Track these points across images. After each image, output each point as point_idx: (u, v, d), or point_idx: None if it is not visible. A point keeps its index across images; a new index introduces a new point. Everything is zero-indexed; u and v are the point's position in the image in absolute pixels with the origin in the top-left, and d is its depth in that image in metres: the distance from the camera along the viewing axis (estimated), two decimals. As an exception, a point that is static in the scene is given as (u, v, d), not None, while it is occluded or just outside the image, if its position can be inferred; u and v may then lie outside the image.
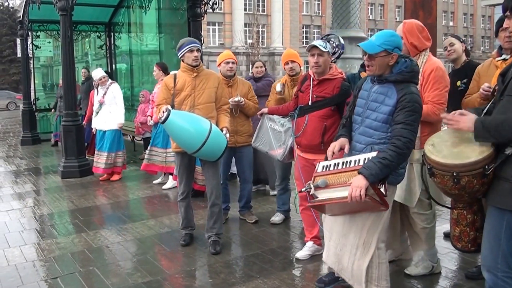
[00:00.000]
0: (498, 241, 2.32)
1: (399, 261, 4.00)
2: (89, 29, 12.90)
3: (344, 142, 3.08)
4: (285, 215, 5.28)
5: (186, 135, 4.03)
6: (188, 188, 4.59)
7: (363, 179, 2.68)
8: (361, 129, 3.03)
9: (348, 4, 7.27)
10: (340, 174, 2.88)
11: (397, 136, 2.79)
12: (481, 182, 2.37)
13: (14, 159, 10.01)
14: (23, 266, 4.18)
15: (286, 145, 4.39)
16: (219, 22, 44.81)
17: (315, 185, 2.89)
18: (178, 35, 9.54)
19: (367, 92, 3.04)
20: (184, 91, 4.33)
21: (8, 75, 43.40)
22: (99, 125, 7.52)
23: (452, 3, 62.15)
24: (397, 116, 2.83)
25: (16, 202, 6.43)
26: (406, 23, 3.57)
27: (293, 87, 4.75)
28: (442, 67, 3.49)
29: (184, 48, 4.32)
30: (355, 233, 3.03)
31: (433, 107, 3.39)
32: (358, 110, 3.09)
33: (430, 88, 3.42)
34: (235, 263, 4.19)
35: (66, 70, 7.99)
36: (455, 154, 2.46)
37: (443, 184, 2.51)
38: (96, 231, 5.10)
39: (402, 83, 2.88)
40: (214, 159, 4.26)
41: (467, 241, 2.73)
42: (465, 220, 2.68)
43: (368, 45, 2.93)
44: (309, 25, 51.72)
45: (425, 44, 3.53)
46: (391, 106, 2.87)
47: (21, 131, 12.80)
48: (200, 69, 4.39)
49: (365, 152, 2.94)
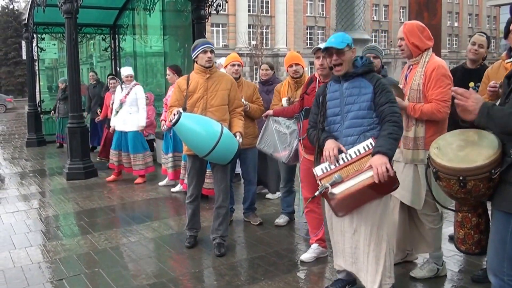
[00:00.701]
0: (504, 245, 2.31)
1: (404, 263, 3.99)
2: (94, 31, 12.98)
3: (337, 143, 3.14)
4: (290, 217, 5.28)
5: (197, 138, 4.00)
6: (197, 191, 4.58)
7: (382, 156, 2.86)
8: (347, 123, 3.16)
9: (352, 6, 7.25)
10: (348, 167, 2.99)
11: (390, 113, 3.02)
12: (487, 186, 2.36)
13: (19, 161, 10.05)
14: (28, 268, 4.20)
15: (291, 147, 4.39)
16: (223, 23, 44.87)
17: (331, 182, 2.97)
18: (183, 37, 9.59)
19: (338, 91, 3.22)
20: (196, 93, 4.30)
21: (13, 77, 43.62)
22: (118, 125, 7.41)
23: (457, 3, 62.02)
24: (380, 99, 3.08)
25: (22, 203, 6.46)
26: (406, 24, 3.60)
27: (296, 89, 4.75)
28: (444, 65, 3.50)
29: (198, 49, 4.30)
30: (366, 225, 3.11)
31: (437, 105, 3.41)
32: (334, 110, 3.23)
33: (433, 86, 3.44)
34: (239, 265, 4.19)
35: (71, 72, 7.99)
36: (461, 158, 2.45)
37: (448, 187, 2.49)
38: (101, 232, 5.12)
39: (368, 73, 3.18)
40: (225, 162, 4.22)
41: (471, 243, 2.72)
42: (469, 223, 2.67)
43: (335, 43, 3.15)
44: (313, 26, 51.72)
45: (427, 44, 3.54)
46: (369, 93, 3.11)
47: (26, 133, 12.86)
48: (213, 71, 4.37)
49: (359, 142, 3.08)
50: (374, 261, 3.12)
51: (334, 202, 3.00)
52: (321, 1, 52.42)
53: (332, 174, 3.02)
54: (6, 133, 16.47)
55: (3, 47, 43.90)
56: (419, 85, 3.49)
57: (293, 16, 49.18)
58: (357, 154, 3.02)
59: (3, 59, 43.96)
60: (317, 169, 3.13)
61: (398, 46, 3.65)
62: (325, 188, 2.96)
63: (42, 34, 12.65)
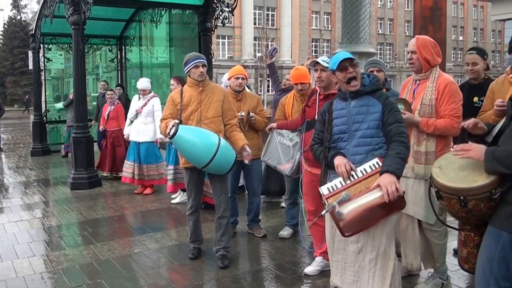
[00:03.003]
0: (490, 264, 2.33)
1: (409, 277, 3.96)
2: (101, 42, 13.08)
3: (346, 159, 3.07)
4: (294, 229, 5.26)
5: (195, 150, 4.01)
6: (197, 203, 4.58)
7: (390, 175, 2.84)
8: (355, 141, 3.11)
9: (357, 19, 7.27)
10: (355, 186, 2.94)
11: (397, 133, 3.01)
12: (488, 205, 2.38)
13: (24, 170, 10.08)
14: (31, 278, 4.19)
15: (294, 159, 4.39)
16: (229, 35, 45.12)
17: (339, 201, 2.91)
18: (189, 48, 9.65)
19: (345, 109, 3.17)
20: (190, 106, 4.33)
21: (19, 86, 43.96)
22: (132, 135, 7.38)
23: (462, 18, 62.20)
24: (388, 118, 3.06)
25: (25, 213, 6.46)
26: (419, 38, 3.58)
27: (302, 102, 4.76)
28: (454, 81, 3.55)
29: (190, 64, 4.34)
30: (373, 245, 3.05)
31: (451, 121, 3.43)
32: (341, 128, 3.18)
33: (447, 101, 3.46)
34: (243, 278, 4.16)
35: (77, 83, 8.05)
36: (462, 178, 2.47)
37: (450, 207, 2.52)
38: (104, 243, 5.11)
39: (376, 91, 3.15)
40: (224, 173, 4.25)
41: (474, 262, 2.71)
42: (472, 242, 2.67)
43: (349, 55, 3.17)
44: (318, 39, 51.95)
45: (437, 60, 3.57)
46: (378, 112, 3.08)
47: (31, 142, 12.91)
48: (206, 83, 4.40)
49: (366, 161, 3.03)
50: (380, 281, 3.06)
51: (343, 223, 2.92)
52: (326, 14, 52.71)
53: (339, 192, 2.96)
54: (11, 142, 16.54)
55: (10, 56, 44.35)
56: (431, 100, 3.50)
57: (299, 29, 49.43)
58: (364, 173, 2.97)
59: (9, 68, 44.37)
60: (323, 188, 3.06)
61: (408, 60, 3.63)
62: (332, 206, 2.90)
63: (49, 45, 12.75)
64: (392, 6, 57.20)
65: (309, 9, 50.81)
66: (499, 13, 12.93)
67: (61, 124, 12.59)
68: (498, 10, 13.03)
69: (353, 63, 3.12)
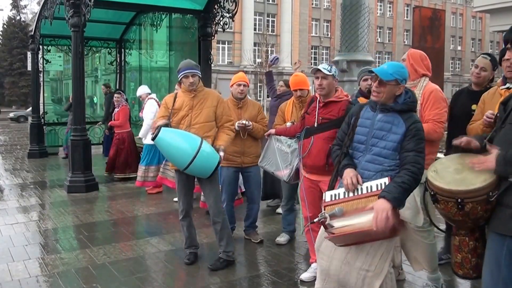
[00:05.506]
0: (499, 267, 2.33)
1: (396, 282, 3.94)
2: (100, 45, 13.08)
3: (356, 172, 2.99)
4: (291, 235, 5.25)
5: (175, 152, 4.16)
6: (187, 206, 4.57)
7: (386, 202, 2.67)
8: (368, 157, 3.00)
9: (356, 27, 7.32)
10: (354, 201, 2.83)
11: (411, 162, 2.82)
12: (485, 208, 2.40)
13: (20, 172, 10.05)
14: (26, 282, 4.16)
15: (292, 166, 4.38)
16: (229, 40, 45.20)
17: (331, 214, 2.81)
18: (189, 53, 9.67)
19: (370, 120, 3.05)
20: (182, 110, 4.40)
21: (17, 87, 43.90)
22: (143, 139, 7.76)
23: (461, 28, 62.49)
24: (408, 144, 2.87)
25: (21, 215, 6.43)
26: (412, 49, 3.89)
27: (301, 108, 4.76)
28: (440, 90, 3.69)
29: (180, 74, 4.41)
30: (364, 261, 2.91)
31: (434, 125, 3.55)
32: (360, 138, 3.07)
33: (431, 107, 3.59)
34: (238, 284, 4.15)
35: (76, 85, 8.04)
36: (459, 181, 2.50)
37: (446, 210, 2.54)
38: (100, 247, 5.09)
39: (406, 112, 2.96)
40: (206, 176, 4.30)
41: (468, 268, 2.72)
42: (467, 246, 2.68)
43: (382, 71, 2.96)
44: (317, 46, 52.09)
45: (425, 71, 3.76)
46: (400, 134, 2.91)
47: (28, 144, 12.87)
48: (199, 90, 4.45)
49: (374, 179, 2.91)
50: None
51: (330, 236, 2.83)
52: (326, 22, 52.89)
53: (337, 204, 2.87)
54: (8, 143, 16.49)
55: (9, 57, 44.30)
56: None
57: (298, 36, 49.57)
58: (368, 190, 2.85)
59: (8, 69, 44.33)
60: (327, 194, 3.00)
61: None
62: (324, 218, 2.83)
63: (48, 46, 12.74)
64: (392, 15, 57.48)
65: (309, 16, 50.99)
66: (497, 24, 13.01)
67: (59, 126, 12.57)
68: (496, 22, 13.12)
69: (383, 82, 2.95)
